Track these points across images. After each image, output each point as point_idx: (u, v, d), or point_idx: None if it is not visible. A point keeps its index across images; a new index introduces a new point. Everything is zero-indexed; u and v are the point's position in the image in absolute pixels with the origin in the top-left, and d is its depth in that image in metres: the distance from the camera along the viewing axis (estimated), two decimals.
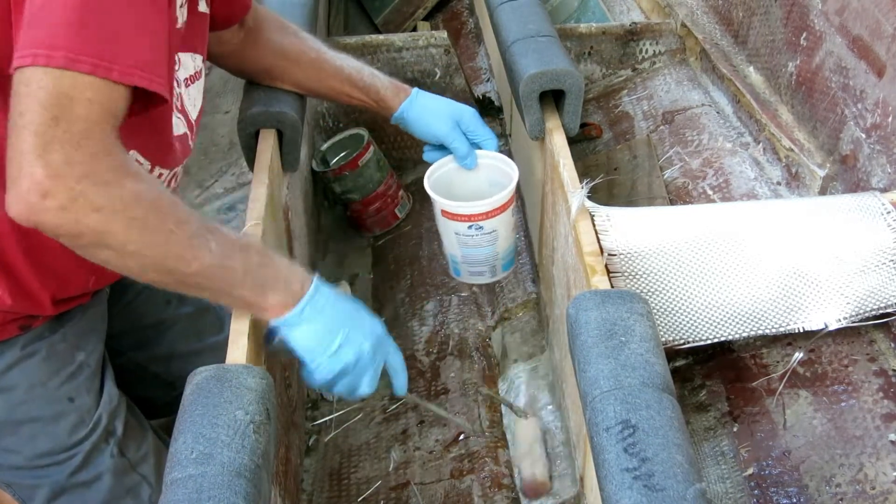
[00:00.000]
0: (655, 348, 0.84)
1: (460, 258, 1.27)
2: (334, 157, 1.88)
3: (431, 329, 1.60)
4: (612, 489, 0.72)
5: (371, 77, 1.29)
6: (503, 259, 1.29)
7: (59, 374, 1.08)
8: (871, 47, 1.20)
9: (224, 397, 0.82)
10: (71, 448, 1.10)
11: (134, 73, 0.77)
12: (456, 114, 1.28)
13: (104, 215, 0.76)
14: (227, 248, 0.86)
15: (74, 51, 0.73)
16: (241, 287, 0.88)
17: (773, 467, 1.03)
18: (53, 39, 0.73)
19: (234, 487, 0.74)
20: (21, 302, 1.01)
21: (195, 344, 1.34)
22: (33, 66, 0.73)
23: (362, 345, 0.97)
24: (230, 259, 0.86)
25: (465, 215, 1.20)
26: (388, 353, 1.03)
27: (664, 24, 1.87)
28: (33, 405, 1.08)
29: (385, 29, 2.56)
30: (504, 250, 1.27)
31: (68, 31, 0.73)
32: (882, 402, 1.03)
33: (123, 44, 0.76)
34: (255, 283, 0.89)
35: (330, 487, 1.35)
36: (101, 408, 1.13)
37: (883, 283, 1.04)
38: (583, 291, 0.94)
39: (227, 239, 0.87)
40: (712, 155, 1.53)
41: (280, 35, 1.25)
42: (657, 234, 1.06)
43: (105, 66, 0.75)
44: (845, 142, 1.28)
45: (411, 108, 1.29)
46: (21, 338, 1.05)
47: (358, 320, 0.98)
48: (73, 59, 0.73)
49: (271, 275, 0.91)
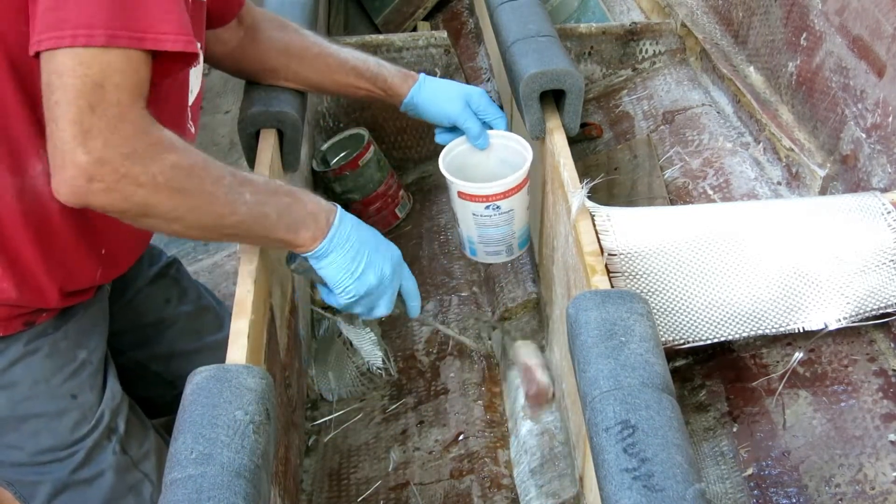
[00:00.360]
0: (655, 348, 0.84)
1: (477, 239, 1.28)
2: (335, 156, 1.88)
3: (431, 329, 1.60)
4: (611, 489, 0.72)
5: (377, 66, 1.29)
6: (519, 238, 1.30)
7: (62, 370, 1.09)
8: (871, 47, 1.20)
9: (224, 397, 0.82)
10: (73, 445, 1.11)
11: (167, 39, 0.80)
12: (466, 94, 1.29)
13: (148, 190, 0.81)
14: (260, 196, 0.92)
15: (112, 27, 0.76)
16: (275, 230, 0.95)
17: (773, 467, 1.03)
18: (90, 19, 0.75)
19: (233, 488, 0.74)
20: (27, 294, 1.01)
21: (195, 343, 1.34)
22: (72, 47, 0.75)
23: (383, 268, 1.06)
24: (264, 206, 0.92)
25: (483, 196, 1.20)
26: (404, 277, 1.11)
27: (664, 24, 1.87)
28: (36, 402, 1.08)
29: (385, 29, 2.56)
30: (520, 229, 1.28)
31: (99, 8, 0.76)
32: (882, 402, 1.03)
33: (152, 12, 0.79)
34: (289, 223, 0.96)
35: (329, 487, 1.35)
36: (104, 405, 1.13)
37: (883, 283, 1.04)
38: (583, 291, 0.94)
39: (259, 186, 0.93)
40: (713, 155, 1.53)
41: (281, 32, 1.26)
42: (657, 234, 1.06)
43: (138, 38, 0.78)
44: (846, 142, 1.28)
45: (420, 93, 1.29)
46: (25, 334, 1.05)
47: (378, 245, 1.06)
48: (113, 36, 0.76)
49: (301, 212, 0.97)
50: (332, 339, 1.59)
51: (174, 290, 1.34)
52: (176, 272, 1.37)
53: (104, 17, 0.76)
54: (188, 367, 0.89)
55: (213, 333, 1.35)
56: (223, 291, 1.72)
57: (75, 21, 0.75)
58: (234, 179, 0.89)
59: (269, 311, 1.11)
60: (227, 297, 1.52)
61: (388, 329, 1.65)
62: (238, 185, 0.90)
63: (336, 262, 1.02)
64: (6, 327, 1.03)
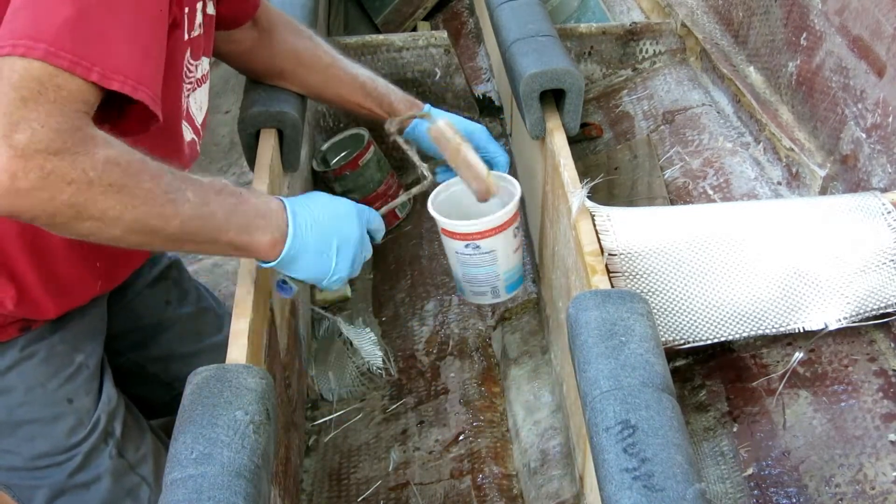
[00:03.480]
0: (655, 348, 0.84)
1: (461, 277, 1.26)
2: (335, 156, 1.88)
3: (431, 329, 1.60)
4: (611, 489, 0.72)
5: (385, 88, 1.28)
6: (506, 280, 1.26)
7: (57, 375, 1.08)
8: (871, 47, 1.20)
9: (224, 397, 0.82)
10: (70, 449, 1.10)
11: (115, 78, 0.75)
12: (468, 131, 1.25)
13: (78, 187, 0.74)
14: (203, 195, 0.85)
15: (56, 45, 0.72)
16: (226, 232, 0.87)
17: (773, 467, 1.03)
18: (38, 33, 0.71)
19: (233, 488, 0.74)
20: (24, 308, 1.01)
21: (195, 345, 1.34)
22: (10, 56, 0.71)
23: (350, 239, 0.99)
24: (209, 205, 0.85)
25: (461, 234, 1.18)
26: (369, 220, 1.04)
27: (664, 23, 1.87)
28: (32, 407, 1.08)
29: (385, 29, 2.56)
30: (506, 271, 1.24)
31: (52, 25, 0.72)
32: (882, 402, 1.03)
33: (112, 45, 0.75)
34: (240, 224, 0.89)
35: (330, 487, 1.35)
36: (100, 409, 1.13)
37: (883, 283, 1.04)
38: (583, 291, 0.94)
39: (201, 185, 0.86)
40: (713, 155, 1.53)
41: (294, 38, 1.25)
42: (657, 234, 1.06)
43: (85, 66, 0.73)
44: (846, 142, 1.28)
45: (423, 123, 1.26)
46: (20, 339, 1.05)
47: (337, 220, 0.99)
48: (53, 54, 0.71)
49: (251, 212, 0.90)
50: (332, 339, 1.59)
51: (174, 292, 1.34)
52: (177, 274, 1.36)
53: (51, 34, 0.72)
54: (187, 369, 0.88)
55: (213, 336, 1.35)
56: (223, 291, 1.72)
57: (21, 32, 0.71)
58: (175, 177, 0.83)
59: (270, 311, 1.11)
60: (228, 297, 1.52)
61: (388, 329, 1.65)
62: (180, 182, 0.83)
63: (306, 266, 0.96)
64: (1, 334, 1.03)
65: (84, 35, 0.73)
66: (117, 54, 0.75)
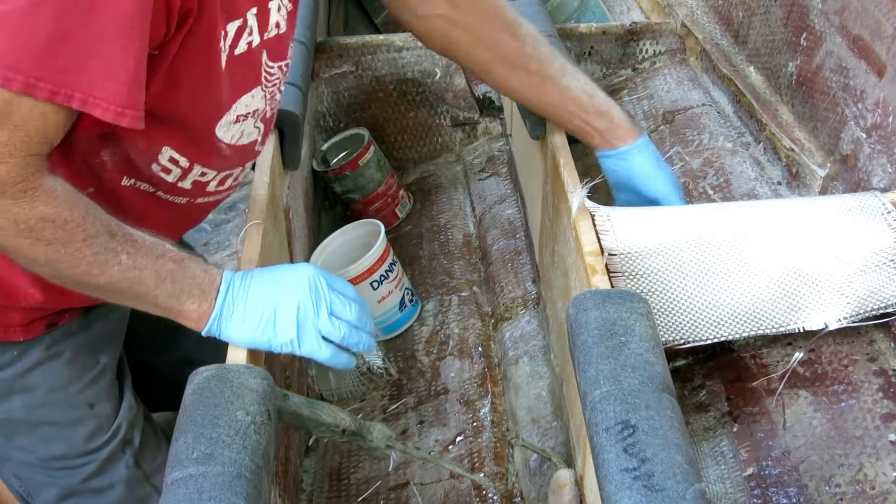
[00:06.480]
0: (655, 348, 0.84)
1: None
2: (335, 156, 1.88)
3: (431, 329, 1.60)
4: (611, 489, 0.72)
5: (606, 101, 1.18)
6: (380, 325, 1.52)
7: (80, 378, 1.08)
8: (872, 47, 1.20)
9: (225, 397, 0.82)
10: (87, 454, 1.10)
11: (98, 105, 0.73)
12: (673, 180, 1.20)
13: (6, 233, 0.77)
14: (139, 259, 0.86)
15: (36, 74, 0.70)
16: (154, 296, 0.88)
17: (773, 467, 1.03)
18: (15, 61, 0.69)
19: (234, 488, 0.74)
20: (53, 297, 0.99)
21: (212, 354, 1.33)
22: None
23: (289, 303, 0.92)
24: (142, 270, 0.86)
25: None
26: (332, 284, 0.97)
27: (664, 24, 1.87)
28: (53, 409, 1.07)
29: (385, 29, 2.56)
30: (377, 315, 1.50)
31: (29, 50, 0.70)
32: (882, 402, 1.03)
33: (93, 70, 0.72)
34: (171, 291, 0.89)
35: (330, 487, 1.35)
36: (121, 416, 1.12)
37: (883, 283, 1.04)
38: (583, 291, 0.94)
39: (142, 248, 0.86)
40: (713, 154, 1.53)
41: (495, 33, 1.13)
42: (657, 234, 1.06)
43: (65, 94, 0.72)
44: (846, 141, 1.28)
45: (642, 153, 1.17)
46: (46, 336, 1.04)
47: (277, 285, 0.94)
48: (32, 85, 0.70)
49: (187, 281, 0.90)
50: None
51: None
52: None
53: (31, 60, 0.70)
54: None
55: None
56: None
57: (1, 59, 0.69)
58: (113, 239, 0.84)
59: None
60: None
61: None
62: (117, 244, 0.84)
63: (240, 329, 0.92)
64: (27, 331, 1.02)
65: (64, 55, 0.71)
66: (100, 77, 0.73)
